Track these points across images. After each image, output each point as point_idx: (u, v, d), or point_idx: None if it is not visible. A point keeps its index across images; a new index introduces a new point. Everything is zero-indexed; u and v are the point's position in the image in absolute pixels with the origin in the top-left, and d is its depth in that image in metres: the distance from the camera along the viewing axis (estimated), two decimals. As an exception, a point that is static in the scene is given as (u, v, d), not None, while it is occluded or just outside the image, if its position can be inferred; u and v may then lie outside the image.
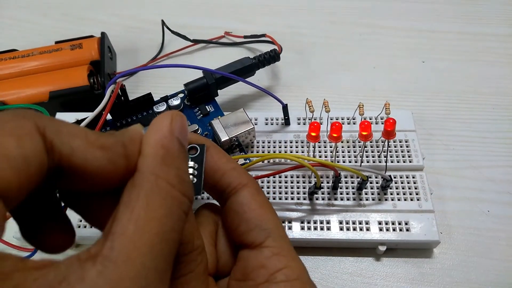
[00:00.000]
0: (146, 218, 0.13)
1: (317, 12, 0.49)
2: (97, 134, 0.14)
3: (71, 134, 0.14)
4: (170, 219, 0.14)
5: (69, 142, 0.13)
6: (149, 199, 0.14)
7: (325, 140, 0.33)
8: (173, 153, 0.15)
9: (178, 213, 0.14)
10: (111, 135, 0.15)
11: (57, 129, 0.13)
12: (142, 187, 0.14)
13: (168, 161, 0.15)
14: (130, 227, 0.13)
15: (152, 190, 0.14)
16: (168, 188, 0.14)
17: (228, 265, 0.20)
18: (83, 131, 0.14)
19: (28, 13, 0.51)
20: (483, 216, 0.32)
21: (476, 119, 0.38)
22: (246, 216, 0.19)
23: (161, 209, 0.14)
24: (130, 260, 0.12)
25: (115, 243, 0.12)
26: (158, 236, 0.13)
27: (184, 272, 0.17)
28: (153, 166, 0.14)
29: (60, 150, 0.13)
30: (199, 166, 0.19)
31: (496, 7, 0.47)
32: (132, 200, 0.14)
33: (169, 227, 0.14)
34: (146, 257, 0.13)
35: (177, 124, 0.16)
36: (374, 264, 0.30)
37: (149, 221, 0.13)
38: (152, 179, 0.14)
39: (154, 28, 0.47)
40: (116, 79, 0.29)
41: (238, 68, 0.35)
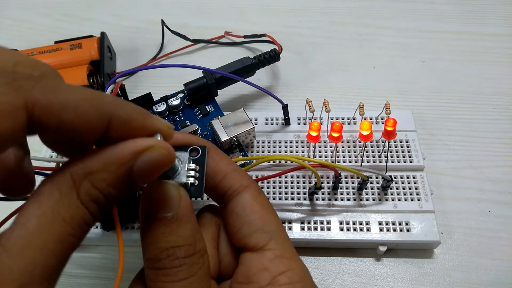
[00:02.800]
0: (50, 217, 0.14)
1: (317, 12, 0.49)
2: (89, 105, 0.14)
3: (63, 108, 0.13)
4: (70, 225, 0.14)
5: (58, 116, 0.13)
6: (58, 201, 0.14)
7: (325, 140, 0.33)
8: (105, 176, 0.15)
9: (79, 222, 0.14)
10: (104, 105, 0.14)
11: (48, 104, 0.13)
12: (58, 187, 0.14)
13: (94, 178, 0.14)
14: (33, 221, 0.13)
15: (65, 194, 0.14)
16: (76, 200, 0.14)
17: (230, 268, 0.20)
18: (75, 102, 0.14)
19: (28, 13, 0.51)
20: (484, 216, 0.32)
21: (476, 119, 0.38)
22: (248, 218, 0.19)
23: (65, 213, 0.14)
24: (22, 253, 0.13)
25: (14, 233, 0.13)
26: (55, 237, 0.14)
27: (186, 276, 0.17)
28: (78, 173, 0.14)
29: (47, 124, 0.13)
30: (201, 168, 0.19)
31: (496, 7, 0.47)
32: (44, 195, 0.14)
33: (68, 232, 0.14)
34: (38, 253, 0.13)
35: (148, 157, 0.15)
36: (374, 265, 0.30)
37: (51, 221, 0.14)
38: (68, 184, 0.14)
39: (154, 28, 0.47)
40: (116, 79, 0.29)
41: (238, 68, 0.35)
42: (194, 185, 0.18)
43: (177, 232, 0.17)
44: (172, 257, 0.17)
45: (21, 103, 0.12)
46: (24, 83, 0.13)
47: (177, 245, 0.17)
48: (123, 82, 0.40)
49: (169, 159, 0.16)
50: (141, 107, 0.16)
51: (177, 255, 0.17)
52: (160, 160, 0.15)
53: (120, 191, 0.15)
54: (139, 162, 0.15)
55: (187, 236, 0.17)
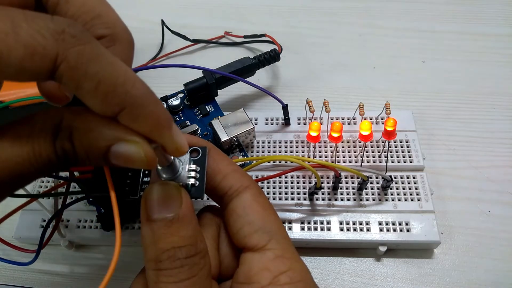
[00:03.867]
0: (23, 141, 0.14)
1: (317, 12, 0.49)
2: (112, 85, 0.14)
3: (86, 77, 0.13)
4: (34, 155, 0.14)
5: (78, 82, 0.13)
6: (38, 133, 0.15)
7: (325, 140, 0.33)
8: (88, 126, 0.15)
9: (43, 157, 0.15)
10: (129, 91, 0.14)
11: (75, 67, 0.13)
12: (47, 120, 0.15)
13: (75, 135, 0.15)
14: (5, 135, 0.14)
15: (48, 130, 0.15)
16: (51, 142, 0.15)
17: (231, 268, 0.20)
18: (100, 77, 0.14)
19: (28, 13, 0.51)
20: (484, 216, 0.32)
21: (476, 119, 0.38)
22: (249, 218, 0.19)
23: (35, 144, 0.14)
24: None
25: None
26: (16, 152, 0.14)
27: (187, 276, 0.17)
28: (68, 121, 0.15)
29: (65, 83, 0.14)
30: (201, 169, 0.19)
31: (496, 7, 0.47)
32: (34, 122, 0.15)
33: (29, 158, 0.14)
34: None
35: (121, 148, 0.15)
36: (374, 265, 0.30)
37: (22, 145, 0.14)
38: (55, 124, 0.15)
39: (154, 28, 0.47)
40: (116, 79, 0.29)
41: (238, 68, 0.35)
42: (194, 186, 0.19)
43: (178, 233, 0.17)
44: (173, 257, 0.17)
45: (53, 54, 0.13)
46: (67, 39, 0.13)
47: (178, 245, 0.17)
48: (123, 82, 0.40)
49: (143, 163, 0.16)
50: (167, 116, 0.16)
51: (178, 255, 0.17)
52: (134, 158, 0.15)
53: (89, 159, 0.15)
54: (115, 147, 0.15)
55: (188, 236, 0.17)
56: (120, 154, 0.15)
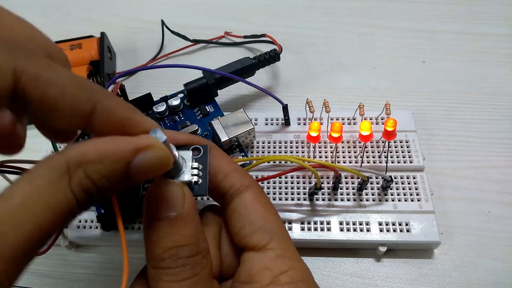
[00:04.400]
0: (35, 198, 0.13)
1: (317, 12, 0.49)
2: (76, 88, 0.14)
3: (49, 83, 0.14)
4: (53, 212, 0.14)
5: (43, 90, 0.13)
6: (48, 184, 0.14)
7: (325, 140, 0.33)
8: (102, 168, 0.14)
9: (63, 210, 0.14)
10: (90, 92, 0.14)
11: (36, 76, 0.13)
12: (51, 169, 0.14)
13: (90, 168, 0.14)
14: (17, 197, 0.13)
15: (56, 178, 0.14)
16: (67, 187, 0.14)
17: (232, 267, 0.20)
18: (62, 81, 0.14)
19: (28, 13, 0.50)
20: (484, 216, 0.32)
21: (476, 119, 0.38)
22: (250, 217, 0.19)
23: (51, 198, 0.13)
24: None
25: None
26: (35, 218, 0.13)
27: (189, 275, 0.17)
28: (74, 160, 0.14)
29: (31, 95, 0.13)
30: (204, 167, 0.19)
31: (496, 7, 0.47)
32: (36, 175, 0.14)
33: (48, 217, 0.13)
34: (13, 230, 0.13)
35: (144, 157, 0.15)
36: (374, 265, 0.30)
37: (35, 202, 0.13)
38: (61, 169, 0.14)
39: (154, 28, 0.47)
40: (116, 79, 0.29)
41: (238, 68, 0.35)
42: (198, 184, 0.19)
43: (180, 232, 0.17)
44: (175, 256, 0.17)
45: (10, 68, 0.13)
46: (19, 54, 0.13)
47: (180, 244, 0.17)
48: (123, 82, 0.40)
49: (167, 161, 0.16)
50: (130, 104, 0.16)
51: (180, 254, 0.17)
52: (158, 161, 0.15)
53: (114, 185, 0.15)
54: (137, 160, 0.15)
55: (191, 235, 0.17)
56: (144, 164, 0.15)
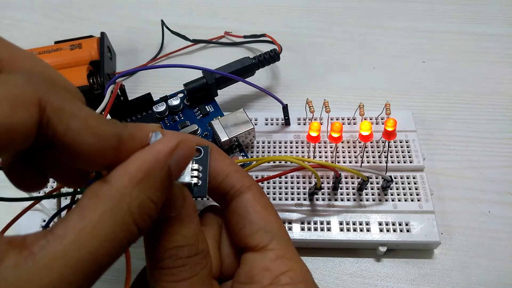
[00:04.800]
0: (90, 234, 0.13)
1: (317, 12, 0.49)
2: (98, 120, 0.14)
3: (72, 115, 0.14)
4: (111, 243, 0.13)
5: (67, 122, 0.13)
6: (103, 216, 0.13)
7: (325, 140, 0.33)
8: (153, 181, 0.15)
9: (121, 240, 0.14)
10: (112, 124, 0.15)
11: (59, 107, 0.13)
12: (103, 201, 0.14)
13: (143, 186, 0.14)
14: (71, 235, 0.13)
15: (111, 209, 0.14)
16: (126, 213, 0.14)
17: (232, 268, 0.20)
18: (84, 114, 0.14)
19: (28, 13, 0.51)
20: (484, 216, 0.32)
21: (476, 119, 0.38)
22: (250, 218, 0.19)
23: (108, 230, 0.13)
24: (52, 267, 0.12)
25: (48, 244, 0.12)
26: (91, 256, 0.13)
27: (188, 276, 0.17)
28: (126, 185, 0.14)
29: (55, 127, 0.13)
30: (204, 168, 0.19)
31: (496, 7, 0.47)
32: (88, 209, 0.13)
33: (106, 251, 0.13)
34: (68, 270, 0.12)
35: (179, 153, 0.16)
36: (374, 265, 0.30)
37: (91, 238, 0.13)
38: (116, 198, 0.14)
39: (154, 28, 0.46)
40: (116, 79, 0.29)
41: (238, 68, 0.35)
42: (197, 185, 0.19)
43: (180, 232, 0.17)
44: (175, 257, 0.17)
45: (35, 99, 0.13)
46: (43, 85, 0.13)
47: (180, 245, 0.17)
48: (123, 82, 0.40)
49: (193, 150, 0.16)
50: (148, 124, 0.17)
51: (180, 255, 0.17)
52: (189, 152, 0.16)
53: (165, 194, 0.15)
54: (174, 159, 0.15)
55: (190, 236, 0.17)
56: (181, 160, 0.16)
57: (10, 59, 0.15)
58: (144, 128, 0.16)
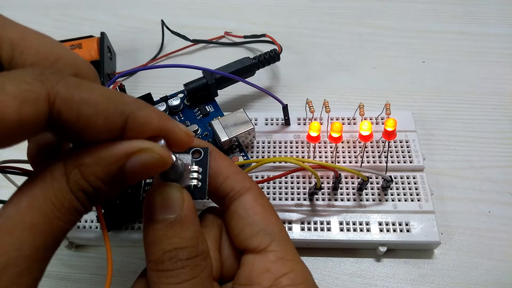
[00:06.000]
0: (40, 199, 0.14)
1: (317, 12, 0.49)
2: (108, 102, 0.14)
3: (82, 103, 0.14)
4: (60, 210, 0.14)
5: (77, 110, 0.14)
6: (48, 184, 0.14)
7: (325, 140, 0.33)
8: (96, 169, 0.15)
9: (69, 208, 0.15)
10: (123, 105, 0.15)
11: (69, 98, 0.14)
12: (51, 172, 0.15)
13: (83, 169, 0.15)
14: (24, 201, 0.14)
15: (56, 178, 0.15)
16: (66, 186, 0.15)
17: (232, 270, 0.20)
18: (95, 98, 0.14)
19: (28, 13, 0.51)
20: (484, 216, 0.32)
21: (476, 119, 0.38)
22: (251, 220, 0.19)
23: (54, 197, 0.14)
24: (11, 231, 0.13)
25: (5, 211, 0.14)
26: (44, 218, 0.14)
27: (188, 277, 0.17)
28: (71, 162, 0.15)
29: (66, 117, 0.14)
30: (203, 170, 0.19)
31: (496, 7, 0.47)
32: (37, 179, 0.15)
33: (56, 215, 0.14)
34: (26, 232, 0.14)
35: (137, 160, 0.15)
36: (374, 265, 0.30)
37: (41, 203, 0.14)
38: (60, 170, 0.15)
39: (154, 28, 0.47)
40: (116, 79, 0.29)
41: (238, 68, 0.35)
42: (197, 187, 0.19)
43: (180, 234, 0.17)
44: (175, 258, 0.17)
45: (44, 94, 0.13)
46: (49, 77, 0.14)
47: (180, 246, 0.17)
48: (123, 82, 0.40)
49: (160, 164, 0.16)
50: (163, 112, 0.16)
51: (180, 256, 0.17)
52: (151, 163, 0.16)
53: (109, 186, 0.16)
54: (130, 163, 0.15)
55: (190, 238, 0.17)
56: (137, 166, 0.15)
57: (20, 39, 0.16)
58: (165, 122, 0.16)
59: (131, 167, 0.15)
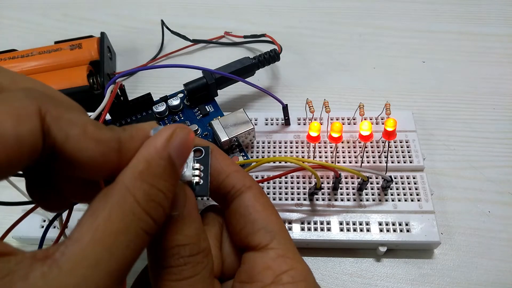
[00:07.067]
0: (104, 231, 0.13)
1: (317, 12, 0.49)
2: (96, 126, 0.15)
3: (70, 122, 0.14)
4: (126, 236, 0.14)
5: (66, 129, 0.14)
6: (112, 211, 0.14)
7: (325, 140, 0.33)
8: (153, 170, 0.15)
9: (136, 231, 0.14)
10: (111, 130, 0.15)
11: (58, 115, 0.14)
12: (111, 198, 0.14)
13: (144, 176, 0.15)
14: (86, 236, 0.13)
15: (118, 203, 0.14)
16: (132, 204, 0.14)
17: (233, 267, 0.20)
18: (83, 121, 0.14)
19: (28, 13, 0.51)
20: (484, 216, 0.32)
21: (476, 119, 0.38)
22: (251, 218, 0.19)
23: (120, 223, 0.14)
24: (74, 270, 0.12)
25: (68, 249, 0.13)
26: (109, 251, 0.13)
27: (190, 274, 0.17)
28: (128, 178, 0.14)
29: (55, 136, 0.14)
30: (205, 168, 0.19)
31: (496, 7, 0.47)
32: (98, 209, 0.14)
33: (123, 244, 0.14)
34: (91, 270, 0.13)
35: (176, 140, 0.16)
36: (374, 265, 0.30)
37: (106, 235, 0.13)
38: (121, 192, 0.14)
39: (154, 28, 0.47)
40: (116, 79, 0.29)
41: (238, 68, 0.35)
42: (199, 184, 0.19)
43: (182, 231, 0.17)
44: (177, 255, 0.17)
45: (35, 109, 0.13)
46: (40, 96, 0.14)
47: (182, 243, 0.17)
48: (123, 82, 0.40)
49: (191, 135, 0.16)
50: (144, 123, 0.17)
51: (182, 253, 0.17)
52: (186, 137, 0.16)
53: (171, 182, 0.15)
54: (173, 147, 0.15)
55: (192, 235, 0.17)
56: (180, 148, 0.16)
57: (10, 83, 0.16)
58: (141, 127, 0.16)
59: (176, 150, 0.15)
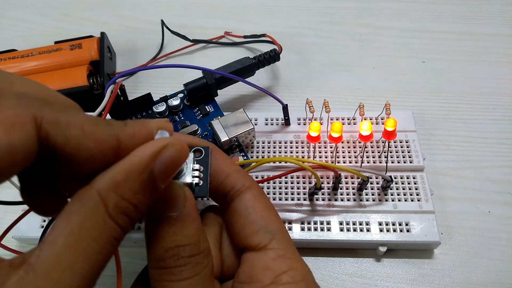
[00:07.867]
0: (78, 236, 0.14)
1: (317, 12, 0.49)
2: (94, 124, 0.15)
3: (68, 124, 0.14)
4: (98, 242, 0.14)
5: (64, 132, 0.14)
6: (86, 218, 0.14)
7: (325, 140, 0.33)
8: (130, 184, 0.15)
9: (108, 238, 0.14)
10: (109, 125, 0.15)
11: (55, 119, 0.14)
12: (85, 203, 0.14)
13: (119, 189, 0.15)
14: (60, 240, 0.13)
15: (91, 210, 0.14)
16: (105, 214, 0.14)
17: (233, 268, 0.20)
18: (80, 121, 0.14)
19: (28, 13, 0.51)
20: (484, 216, 0.32)
21: (476, 119, 0.38)
22: (251, 218, 0.19)
23: (92, 231, 0.14)
24: (50, 273, 0.13)
25: (43, 252, 0.13)
26: (83, 256, 0.13)
27: (190, 275, 0.17)
28: (103, 187, 0.14)
29: (55, 140, 0.14)
30: (205, 169, 0.19)
31: (496, 7, 0.47)
32: (72, 213, 0.14)
33: (95, 250, 0.14)
34: (65, 273, 0.13)
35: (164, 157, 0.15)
36: (374, 265, 0.30)
37: (79, 239, 0.14)
38: (94, 199, 0.14)
39: (154, 28, 0.46)
40: (116, 79, 0.29)
41: (238, 68, 0.35)
42: (199, 185, 0.19)
43: (182, 232, 0.17)
44: (176, 256, 0.17)
45: (29, 116, 0.13)
46: (32, 102, 0.14)
47: (181, 244, 0.17)
48: (123, 82, 0.40)
49: (184, 153, 0.16)
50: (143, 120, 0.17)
51: (182, 254, 0.17)
52: (176, 156, 0.16)
53: (147, 197, 0.15)
54: (159, 163, 0.15)
55: (192, 235, 0.17)
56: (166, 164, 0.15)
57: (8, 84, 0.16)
58: (147, 124, 0.16)
59: (160, 168, 0.15)
